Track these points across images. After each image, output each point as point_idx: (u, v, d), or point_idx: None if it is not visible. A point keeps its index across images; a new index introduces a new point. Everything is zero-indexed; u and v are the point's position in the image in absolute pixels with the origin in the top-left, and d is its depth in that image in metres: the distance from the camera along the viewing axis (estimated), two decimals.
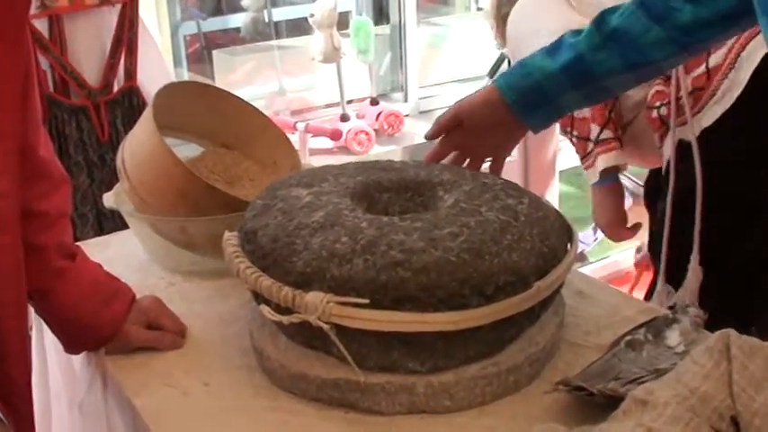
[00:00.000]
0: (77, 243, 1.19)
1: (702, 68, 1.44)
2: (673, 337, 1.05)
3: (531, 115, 1.27)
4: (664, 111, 1.53)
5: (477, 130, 1.29)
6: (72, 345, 1.18)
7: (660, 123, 1.55)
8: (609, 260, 3.40)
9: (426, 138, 1.33)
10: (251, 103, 1.53)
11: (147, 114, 1.31)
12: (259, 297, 1.04)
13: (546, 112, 1.28)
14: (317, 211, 1.07)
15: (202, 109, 1.47)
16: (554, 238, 1.05)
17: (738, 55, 1.39)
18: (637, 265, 2.52)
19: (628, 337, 1.06)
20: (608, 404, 0.92)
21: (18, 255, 1.01)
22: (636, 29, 1.19)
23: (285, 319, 0.98)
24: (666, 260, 1.53)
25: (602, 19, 1.22)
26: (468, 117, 1.29)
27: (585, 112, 1.63)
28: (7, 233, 0.98)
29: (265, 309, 1.01)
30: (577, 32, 1.23)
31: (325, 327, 0.96)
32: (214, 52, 3.84)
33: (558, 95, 1.24)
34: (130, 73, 2.69)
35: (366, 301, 0.94)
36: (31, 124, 1.05)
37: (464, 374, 1.00)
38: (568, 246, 1.09)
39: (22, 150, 1.01)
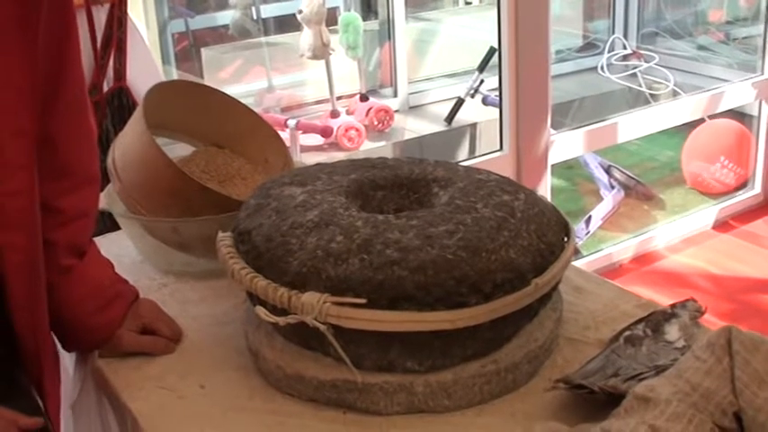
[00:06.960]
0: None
1: None
2: (672, 331, 1.04)
3: None
4: None
5: None
6: (68, 343, 1.17)
7: None
8: (601, 254, 3.35)
9: None
10: (241, 100, 1.51)
11: (138, 114, 1.30)
12: (254, 298, 1.03)
13: None
14: (311, 210, 1.05)
15: (193, 108, 1.45)
16: (551, 234, 1.05)
17: None
18: None
19: (626, 333, 1.05)
20: (608, 401, 0.91)
21: (33, 253, 0.99)
22: None
23: (281, 321, 0.97)
24: None
25: None
26: None
27: None
28: (20, 232, 0.96)
29: (261, 310, 1.00)
30: None
31: (322, 327, 0.95)
32: (203, 50, 3.82)
33: None
34: (120, 73, 2.66)
35: (363, 300, 0.93)
36: (63, 119, 1.03)
37: (462, 373, 0.99)
38: (565, 241, 1.08)
39: (45, 145, 0.99)
